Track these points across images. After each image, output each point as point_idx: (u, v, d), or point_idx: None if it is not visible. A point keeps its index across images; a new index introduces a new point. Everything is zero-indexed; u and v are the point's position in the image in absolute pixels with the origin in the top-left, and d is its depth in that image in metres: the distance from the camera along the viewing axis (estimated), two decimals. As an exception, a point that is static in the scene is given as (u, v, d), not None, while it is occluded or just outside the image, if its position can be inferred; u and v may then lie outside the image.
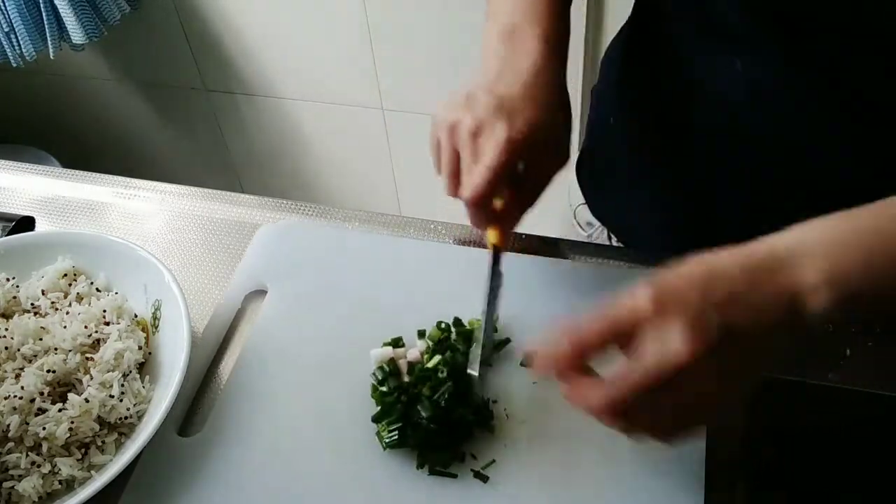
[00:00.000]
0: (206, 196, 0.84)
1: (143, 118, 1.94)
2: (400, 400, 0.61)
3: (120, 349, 0.64)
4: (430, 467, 0.59)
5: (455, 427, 0.60)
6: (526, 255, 0.73)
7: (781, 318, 0.47)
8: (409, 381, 0.63)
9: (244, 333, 0.70)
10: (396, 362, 0.65)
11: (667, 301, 0.47)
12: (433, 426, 0.59)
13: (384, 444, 0.60)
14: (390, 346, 0.66)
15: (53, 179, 0.87)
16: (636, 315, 0.47)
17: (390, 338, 0.67)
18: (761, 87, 0.64)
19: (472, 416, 0.61)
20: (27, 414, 0.59)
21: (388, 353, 0.65)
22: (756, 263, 0.48)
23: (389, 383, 0.63)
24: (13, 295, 0.69)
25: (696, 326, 0.46)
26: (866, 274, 0.47)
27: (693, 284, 0.47)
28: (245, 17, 1.62)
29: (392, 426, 0.60)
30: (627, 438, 0.52)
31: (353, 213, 0.80)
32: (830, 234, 0.49)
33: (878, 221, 0.49)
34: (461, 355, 0.64)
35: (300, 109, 1.77)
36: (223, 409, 0.64)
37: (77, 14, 1.46)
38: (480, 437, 0.61)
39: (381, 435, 0.60)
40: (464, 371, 0.62)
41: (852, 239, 0.48)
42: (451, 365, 0.63)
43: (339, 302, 0.70)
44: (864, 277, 0.47)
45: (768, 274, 0.48)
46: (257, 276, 0.73)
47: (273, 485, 0.59)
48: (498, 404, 0.62)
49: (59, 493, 0.58)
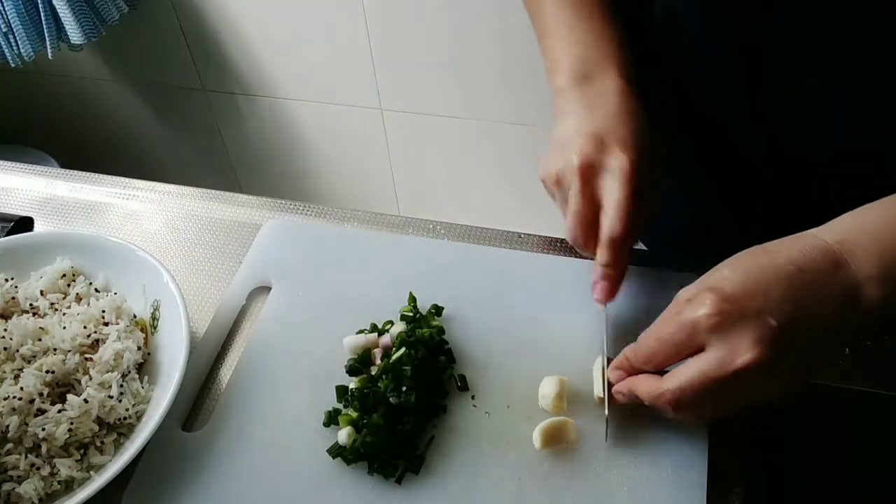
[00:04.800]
0: (205, 196, 0.83)
1: (142, 118, 1.94)
2: (363, 392, 0.61)
3: (119, 350, 0.63)
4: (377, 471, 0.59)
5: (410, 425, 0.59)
6: (541, 254, 0.73)
7: (838, 315, 0.48)
8: (375, 372, 0.63)
9: (248, 330, 0.70)
10: (370, 351, 0.65)
11: (730, 309, 0.48)
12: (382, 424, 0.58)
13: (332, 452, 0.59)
14: (362, 333, 0.66)
15: (52, 180, 0.87)
16: (700, 325, 0.49)
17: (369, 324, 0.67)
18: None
19: (409, 426, 0.59)
20: (26, 415, 0.59)
21: (361, 342, 0.65)
22: (810, 260, 0.49)
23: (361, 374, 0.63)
24: (12, 295, 0.69)
25: (760, 332, 0.47)
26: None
27: (753, 289, 0.48)
28: (244, 16, 1.62)
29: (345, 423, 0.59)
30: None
31: (352, 212, 0.80)
32: (877, 227, 0.49)
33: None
34: (425, 349, 0.63)
35: (299, 109, 1.77)
36: (227, 405, 0.64)
37: (75, 14, 1.46)
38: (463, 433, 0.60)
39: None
40: (427, 367, 0.62)
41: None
42: (416, 360, 0.61)
43: (343, 298, 0.70)
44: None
45: (823, 272, 0.48)
46: (261, 273, 0.73)
47: (276, 480, 0.59)
48: (495, 403, 0.62)
49: (57, 494, 0.58)
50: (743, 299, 0.48)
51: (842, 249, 0.49)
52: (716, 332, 0.48)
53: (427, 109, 1.67)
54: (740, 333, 0.47)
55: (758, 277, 0.48)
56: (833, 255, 0.49)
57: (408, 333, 0.64)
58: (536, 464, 0.58)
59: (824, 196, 0.65)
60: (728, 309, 0.48)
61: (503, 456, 0.59)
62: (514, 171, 1.73)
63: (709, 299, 0.49)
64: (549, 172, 0.61)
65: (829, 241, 0.49)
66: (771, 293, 0.48)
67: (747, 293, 0.48)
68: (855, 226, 0.50)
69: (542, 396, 0.61)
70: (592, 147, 0.59)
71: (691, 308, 0.50)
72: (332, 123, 1.77)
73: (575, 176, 0.59)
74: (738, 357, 0.47)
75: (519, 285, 0.70)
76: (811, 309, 0.48)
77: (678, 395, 0.50)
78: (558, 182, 0.60)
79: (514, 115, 1.61)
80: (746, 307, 0.48)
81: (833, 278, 0.48)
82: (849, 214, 0.51)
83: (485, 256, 0.73)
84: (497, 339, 0.66)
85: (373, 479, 0.59)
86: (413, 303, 0.68)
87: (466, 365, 0.64)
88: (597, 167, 0.58)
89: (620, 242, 0.58)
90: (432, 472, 0.59)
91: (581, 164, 0.58)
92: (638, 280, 0.68)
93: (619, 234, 0.57)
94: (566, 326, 0.66)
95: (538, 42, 0.69)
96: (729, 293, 0.48)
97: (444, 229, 0.77)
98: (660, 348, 0.52)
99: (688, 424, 0.57)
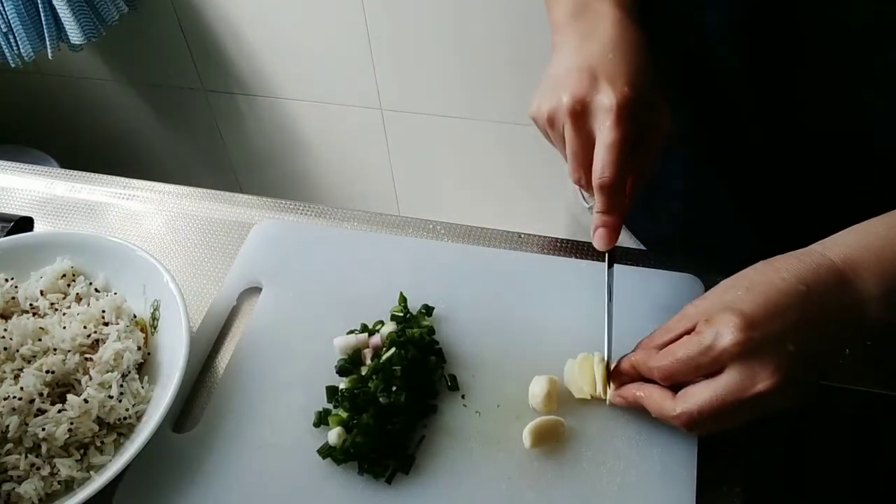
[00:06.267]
0: (205, 196, 0.84)
1: (142, 118, 1.93)
2: (353, 393, 0.60)
3: (119, 350, 0.63)
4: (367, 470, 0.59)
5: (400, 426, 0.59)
6: (540, 255, 0.73)
7: (845, 333, 0.49)
8: (365, 372, 0.63)
9: (239, 331, 0.70)
10: (361, 352, 0.65)
11: (754, 337, 0.48)
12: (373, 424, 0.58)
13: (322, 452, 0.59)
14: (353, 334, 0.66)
15: (52, 180, 0.87)
16: (725, 353, 0.49)
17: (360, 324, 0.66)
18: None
19: (400, 425, 0.59)
20: (26, 415, 0.59)
21: (351, 342, 0.65)
22: (818, 279, 0.49)
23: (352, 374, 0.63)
24: (12, 296, 0.69)
25: (779, 359, 0.48)
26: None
27: (772, 311, 0.49)
28: (244, 16, 1.62)
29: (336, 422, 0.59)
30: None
31: (352, 212, 0.80)
32: (880, 244, 0.50)
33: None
34: (415, 349, 0.63)
35: (298, 109, 1.77)
36: (218, 407, 0.64)
37: (75, 14, 1.46)
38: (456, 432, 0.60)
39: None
40: (417, 367, 0.62)
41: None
42: (406, 360, 0.61)
43: (333, 299, 0.70)
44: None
45: (831, 293, 0.49)
46: (252, 274, 0.73)
47: (266, 481, 0.59)
48: (492, 402, 0.62)
49: (57, 494, 0.58)
50: (764, 324, 0.48)
51: (846, 268, 0.49)
52: (738, 359, 0.49)
53: (427, 109, 1.67)
54: (761, 360, 0.48)
55: (775, 299, 0.49)
56: (839, 274, 0.49)
57: (398, 333, 0.64)
58: (526, 463, 0.58)
59: (830, 194, 0.65)
60: (752, 337, 0.48)
61: (493, 455, 0.59)
62: (515, 171, 1.73)
63: (732, 324, 0.49)
64: (539, 111, 0.57)
65: (833, 259, 0.50)
66: (788, 317, 0.48)
67: (768, 317, 0.49)
68: (857, 243, 0.51)
69: (531, 396, 0.61)
70: (584, 84, 0.55)
71: (713, 332, 0.50)
72: (332, 123, 1.77)
73: (566, 116, 0.55)
74: (757, 384, 0.48)
75: (511, 286, 0.70)
76: (821, 329, 0.49)
77: (694, 418, 0.51)
78: (550, 121, 0.57)
79: (514, 115, 1.61)
80: (768, 332, 0.48)
81: (839, 297, 0.49)
82: (850, 230, 0.51)
83: (477, 257, 0.73)
84: (488, 339, 0.66)
85: (363, 479, 0.59)
86: (403, 303, 0.68)
87: (457, 365, 0.64)
88: (589, 105, 0.54)
89: (613, 187, 0.54)
90: (422, 471, 0.59)
91: (572, 104, 0.54)
92: (638, 280, 0.68)
93: (610, 179, 0.54)
94: (558, 327, 0.66)
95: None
96: (751, 318, 0.49)
97: (444, 229, 0.77)
98: (680, 369, 0.52)
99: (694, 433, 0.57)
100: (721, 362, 0.50)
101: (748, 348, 0.48)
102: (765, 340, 0.48)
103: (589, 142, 0.55)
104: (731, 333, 0.49)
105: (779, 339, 0.48)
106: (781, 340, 0.48)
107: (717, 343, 0.49)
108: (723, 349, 0.49)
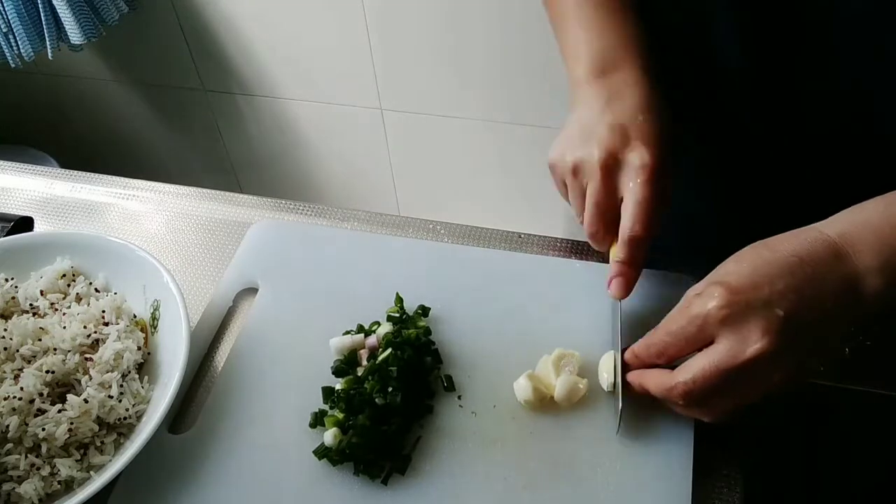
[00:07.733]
0: (205, 196, 0.84)
1: (142, 118, 1.94)
2: (349, 393, 0.60)
3: (119, 349, 0.64)
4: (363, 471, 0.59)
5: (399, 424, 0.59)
6: (538, 255, 0.73)
7: (839, 305, 0.49)
8: (361, 373, 0.63)
9: (235, 331, 0.70)
10: (357, 352, 0.64)
11: (738, 301, 0.49)
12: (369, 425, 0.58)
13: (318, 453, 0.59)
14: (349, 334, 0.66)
15: (52, 180, 0.87)
16: (710, 318, 0.49)
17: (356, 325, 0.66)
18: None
19: (396, 426, 0.59)
20: (26, 415, 0.59)
21: (347, 343, 0.65)
22: (812, 252, 0.49)
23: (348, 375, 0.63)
24: (12, 295, 0.69)
25: (768, 322, 0.48)
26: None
27: (758, 280, 0.49)
28: (243, 17, 1.62)
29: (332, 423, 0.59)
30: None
31: (352, 212, 0.80)
32: (877, 220, 0.50)
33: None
34: (411, 350, 0.63)
35: (299, 109, 1.77)
36: (214, 407, 0.64)
37: (75, 14, 1.46)
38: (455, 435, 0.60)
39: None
40: (413, 368, 0.62)
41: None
42: (402, 361, 0.61)
43: (330, 299, 0.70)
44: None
45: (825, 263, 0.49)
46: (248, 274, 0.73)
47: (262, 482, 0.59)
48: (490, 405, 0.62)
49: (57, 494, 0.58)
50: (750, 291, 0.49)
51: (843, 242, 0.50)
52: (725, 324, 0.49)
53: (427, 109, 1.67)
54: (749, 324, 0.48)
55: (762, 269, 0.49)
56: (834, 248, 0.50)
57: (394, 334, 0.64)
58: (522, 463, 0.58)
59: (830, 190, 0.65)
60: (736, 300, 0.49)
61: (489, 456, 0.59)
62: (515, 172, 1.73)
63: (717, 292, 0.49)
64: (562, 159, 0.60)
65: (830, 235, 0.50)
66: (776, 284, 0.49)
67: (753, 285, 0.49)
68: (855, 220, 0.51)
69: (517, 389, 0.61)
70: (616, 139, 0.58)
71: (700, 302, 0.50)
72: (332, 123, 1.77)
73: (596, 168, 0.58)
74: (748, 347, 0.48)
75: (509, 286, 0.69)
76: (814, 299, 0.49)
77: (690, 387, 0.51)
78: (575, 171, 0.59)
79: (514, 115, 1.61)
80: (753, 298, 0.48)
81: (834, 269, 0.49)
82: (849, 210, 0.52)
83: (473, 257, 0.73)
84: (484, 339, 0.66)
85: (359, 479, 0.59)
86: (399, 303, 0.68)
87: (453, 365, 0.64)
88: (619, 160, 0.58)
89: (640, 241, 0.58)
90: (418, 472, 0.59)
91: (605, 157, 0.57)
92: (640, 280, 0.68)
93: (640, 234, 0.57)
94: (556, 327, 0.66)
95: (555, 35, 0.68)
96: (736, 285, 0.49)
97: (444, 229, 0.77)
98: (671, 342, 0.53)
99: (699, 418, 0.56)
100: (709, 330, 0.50)
101: (734, 311, 0.48)
102: (750, 305, 0.48)
103: (614, 197, 0.58)
104: (715, 301, 0.49)
105: (765, 304, 0.48)
106: (768, 305, 0.48)
107: (703, 311, 0.50)
108: (707, 314, 0.49)
